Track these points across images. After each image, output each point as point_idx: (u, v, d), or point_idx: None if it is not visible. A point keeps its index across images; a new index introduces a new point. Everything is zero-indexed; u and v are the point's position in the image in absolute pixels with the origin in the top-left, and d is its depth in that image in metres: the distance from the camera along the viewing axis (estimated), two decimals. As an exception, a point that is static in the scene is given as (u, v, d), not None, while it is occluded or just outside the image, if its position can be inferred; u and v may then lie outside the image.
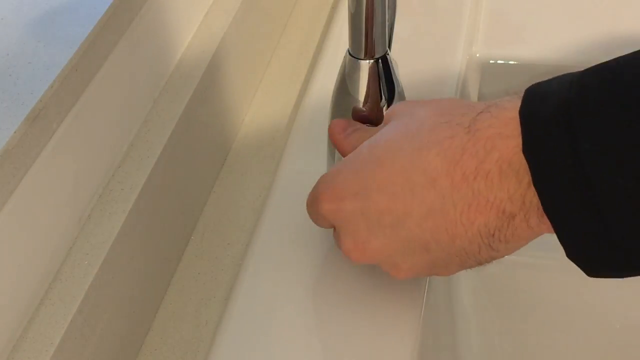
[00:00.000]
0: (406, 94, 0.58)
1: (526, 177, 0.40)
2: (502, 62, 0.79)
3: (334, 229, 0.51)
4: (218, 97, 0.66)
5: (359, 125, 0.53)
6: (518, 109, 0.41)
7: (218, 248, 0.63)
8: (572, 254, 0.41)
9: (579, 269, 0.41)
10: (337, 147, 0.53)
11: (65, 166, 0.48)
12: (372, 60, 0.54)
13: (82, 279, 0.48)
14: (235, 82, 0.71)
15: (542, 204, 0.40)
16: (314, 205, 0.50)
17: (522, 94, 0.42)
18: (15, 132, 0.43)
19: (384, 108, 0.56)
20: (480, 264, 0.46)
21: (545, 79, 0.46)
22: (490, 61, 0.79)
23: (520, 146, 0.40)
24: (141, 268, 0.55)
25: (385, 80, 0.56)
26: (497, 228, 0.43)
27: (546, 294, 0.68)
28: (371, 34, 0.53)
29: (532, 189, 0.40)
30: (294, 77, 0.78)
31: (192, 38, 0.66)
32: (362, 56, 0.54)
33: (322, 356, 0.52)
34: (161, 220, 0.58)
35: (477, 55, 0.78)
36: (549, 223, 0.40)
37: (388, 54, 0.55)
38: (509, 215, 0.42)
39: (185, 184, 0.62)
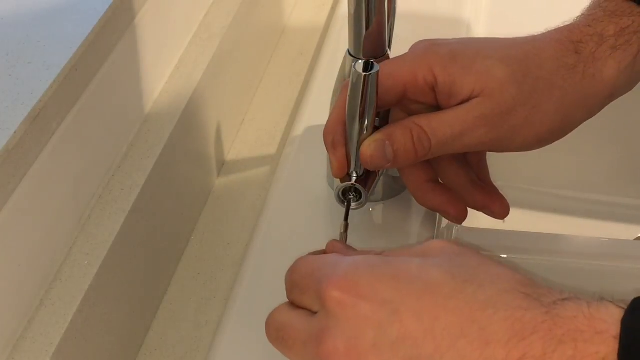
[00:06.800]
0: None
1: None
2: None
3: (310, 306, 0.43)
4: (219, 97, 0.66)
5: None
6: (615, 317, 0.37)
7: (218, 248, 0.63)
8: None
9: (578, 270, 0.41)
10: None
11: (65, 166, 0.48)
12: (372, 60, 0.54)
13: (82, 279, 0.48)
14: (235, 81, 0.71)
15: None
16: (313, 283, 0.42)
17: (618, 303, 0.37)
18: (15, 132, 0.43)
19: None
20: None
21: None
22: (490, 61, 0.79)
23: (602, 358, 0.36)
24: (141, 268, 0.55)
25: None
26: None
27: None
28: (371, 34, 0.53)
29: None
30: (294, 77, 0.78)
31: (193, 37, 0.66)
32: (362, 56, 0.54)
33: (322, 356, 0.52)
34: (161, 220, 0.58)
35: (477, 55, 0.78)
36: None
37: (388, 54, 0.55)
38: None
39: (185, 183, 0.62)
